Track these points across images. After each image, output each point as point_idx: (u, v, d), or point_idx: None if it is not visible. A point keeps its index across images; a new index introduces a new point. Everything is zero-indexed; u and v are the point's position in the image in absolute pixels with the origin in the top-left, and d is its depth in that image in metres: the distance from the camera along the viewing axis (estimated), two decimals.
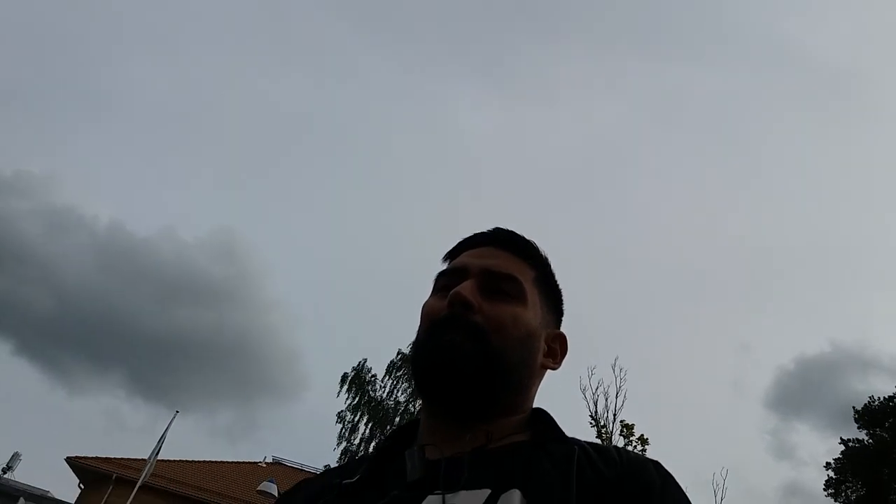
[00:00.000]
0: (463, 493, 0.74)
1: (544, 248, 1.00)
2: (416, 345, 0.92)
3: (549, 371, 0.96)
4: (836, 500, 20.94)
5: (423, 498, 0.75)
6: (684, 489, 0.80)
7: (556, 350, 0.96)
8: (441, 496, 0.74)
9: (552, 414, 0.92)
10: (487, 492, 0.74)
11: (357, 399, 23.65)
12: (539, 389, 0.95)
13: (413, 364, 0.91)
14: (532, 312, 0.92)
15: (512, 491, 0.73)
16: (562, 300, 1.01)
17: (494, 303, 0.89)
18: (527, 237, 0.99)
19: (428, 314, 0.92)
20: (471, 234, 1.00)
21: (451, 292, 0.88)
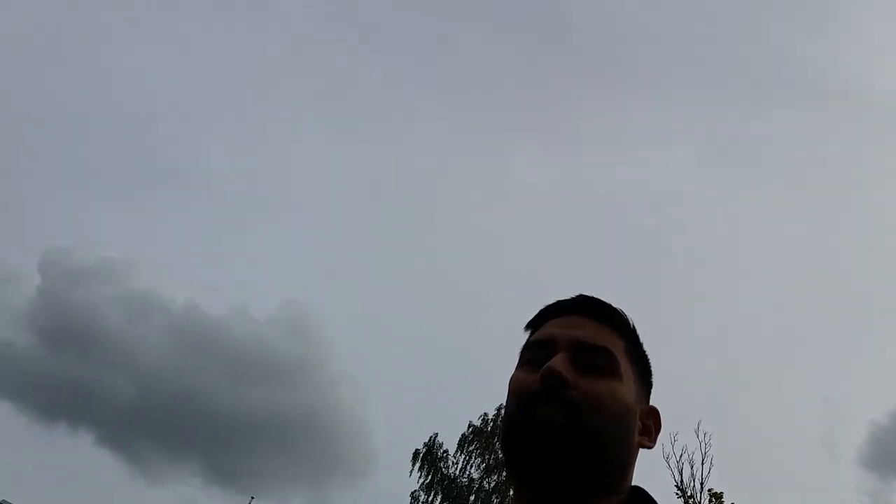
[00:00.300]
0: None
1: (632, 316, 0.94)
2: (508, 421, 0.86)
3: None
4: None
5: None
6: None
7: (651, 427, 0.91)
8: None
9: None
10: None
11: (430, 477, 23.22)
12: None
13: (505, 442, 0.86)
14: (627, 387, 0.86)
15: None
16: (651, 371, 0.95)
17: (589, 378, 0.83)
18: (613, 304, 0.93)
19: (518, 389, 0.86)
20: (553, 301, 0.94)
21: (544, 367, 0.83)
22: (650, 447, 0.90)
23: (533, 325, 0.95)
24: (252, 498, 19.99)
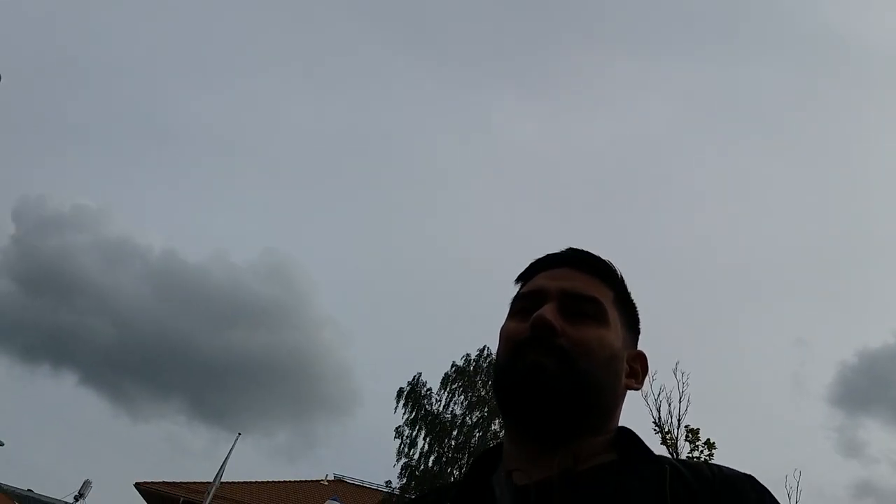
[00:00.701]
0: None
1: (619, 266, 0.98)
2: (499, 368, 0.91)
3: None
4: None
5: None
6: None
7: (638, 370, 0.95)
8: None
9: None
10: None
11: (414, 413, 23.67)
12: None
13: (496, 386, 0.90)
14: (614, 333, 0.90)
15: None
16: (638, 319, 0.99)
17: (577, 326, 0.87)
18: (603, 257, 0.97)
19: (509, 337, 0.90)
20: (543, 254, 0.98)
21: (533, 316, 0.86)
22: (637, 388, 0.94)
23: (524, 278, 0.98)
24: (239, 434, 20.34)
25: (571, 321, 0.87)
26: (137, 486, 28.59)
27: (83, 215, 44.07)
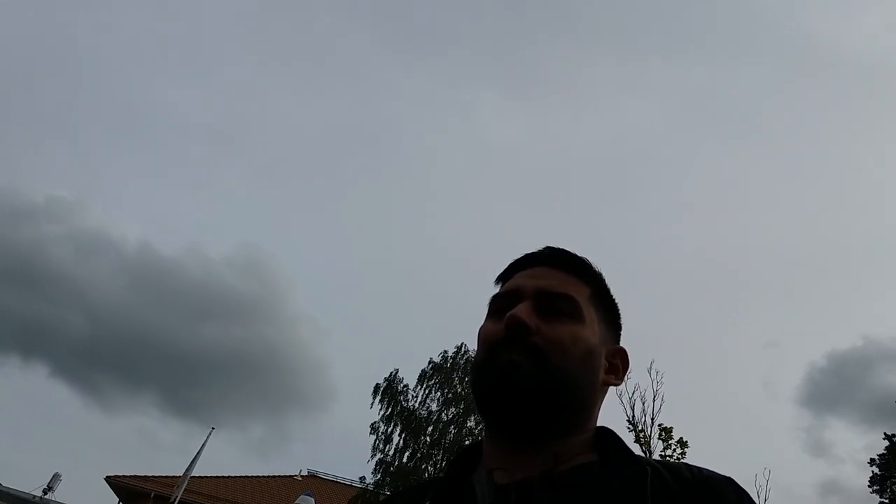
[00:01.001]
0: None
1: (597, 264, 0.98)
2: (476, 367, 0.91)
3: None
4: (881, 497, 20.46)
5: None
6: None
7: (618, 366, 0.95)
8: None
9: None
10: None
11: (390, 409, 23.68)
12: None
13: (474, 386, 0.91)
14: (590, 330, 0.90)
15: None
16: (619, 315, 0.99)
17: (552, 323, 0.87)
18: (579, 254, 0.98)
19: (485, 338, 0.91)
20: (521, 254, 0.99)
21: (507, 315, 0.87)
22: (617, 384, 0.94)
23: (502, 278, 0.99)
24: (213, 428, 20.17)
25: (546, 319, 0.87)
26: (108, 479, 28.27)
27: (58, 206, 43.41)
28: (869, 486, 20.78)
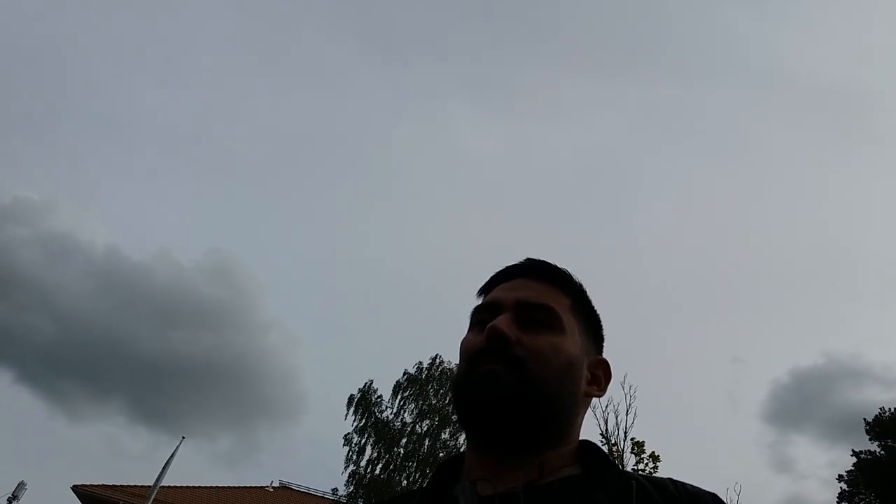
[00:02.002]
0: None
1: (578, 275, 0.99)
2: (456, 379, 0.91)
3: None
4: None
5: None
6: None
7: (600, 377, 0.95)
8: None
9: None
10: None
11: (364, 420, 23.54)
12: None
13: (454, 398, 0.91)
14: (571, 341, 0.90)
15: None
16: (601, 326, 0.99)
17: (532, 334, 0.88)
18: (559, 266, 0.98)
19: (466, 350, 0.91)
20: (502, 267, 0.99)
21: (487, 327, 0.87)
22: (600, 396, 0.94)
23: (484, 290, 0.99)
24: (183, 437, 19.86)
25: (527, 330, 0.87)
26: (75, 488, 27.72)
27: (25, 208, 42.66)
28: (837, 502, 21.07)
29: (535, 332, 0.88)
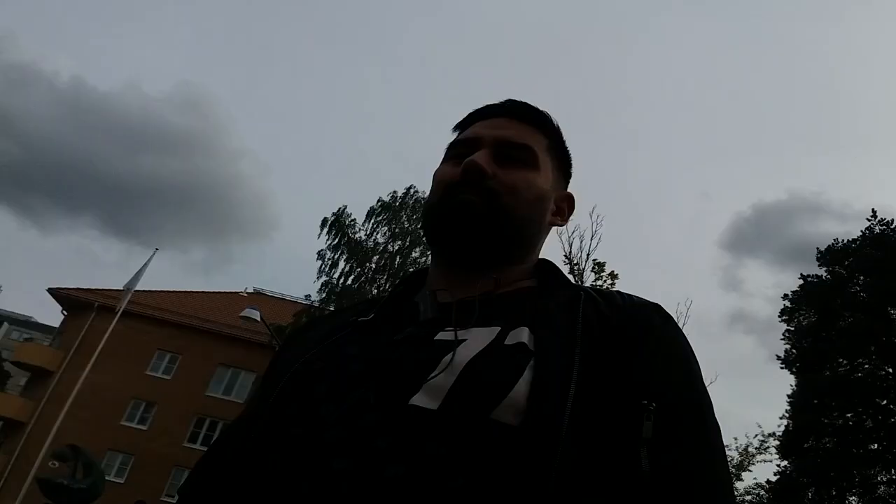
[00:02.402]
0: (474, 329, 0.78)
1: (556, 118, 0.99)
2: (429, 206, 0.94)
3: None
4: (788, 325, 22.37)
5: (437, 333, 0.79)
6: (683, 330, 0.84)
7: (564, 209, 1.00)
8: (454, 331, 0.78)
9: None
10: (497, 329, 0.78)
11: (337, 240, 24.05)
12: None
13: (425, 222, 0.94)
14: (543, 177, 0.94)
15: (521, 328, 0.77)
16: (571, 164, 1.03)
17: (508, 170, 0.90)
18: (539, 107, 0.98)
19: (441, 179, 0.93)
20: (482, 105, 0.99)
21: (465, 160, 0.89)
22: (562, 225, 1.00)
23: (461, 126, 1.00)
24: (156, 249, 20.16)
25: (503, 166, 0.90)
26: (51, 290, 28.42)
27: None
28: (779, 317, 22.62)
29: (511, 168, 0.90)
